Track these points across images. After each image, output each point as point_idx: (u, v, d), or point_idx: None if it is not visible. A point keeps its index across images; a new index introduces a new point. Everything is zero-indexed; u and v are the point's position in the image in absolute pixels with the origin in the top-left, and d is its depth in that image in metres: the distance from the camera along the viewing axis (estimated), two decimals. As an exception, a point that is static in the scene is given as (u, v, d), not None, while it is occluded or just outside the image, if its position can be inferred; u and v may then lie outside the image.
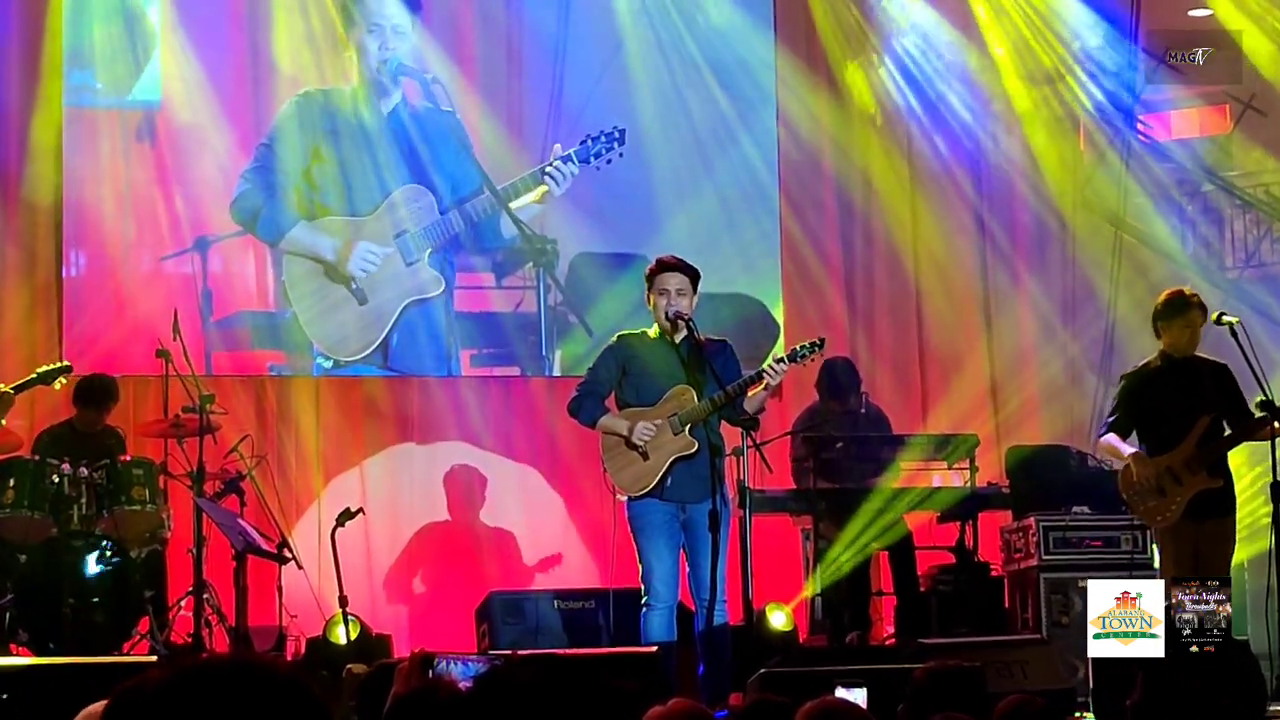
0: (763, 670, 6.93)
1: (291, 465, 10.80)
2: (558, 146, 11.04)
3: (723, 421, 7.65)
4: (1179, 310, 8.11)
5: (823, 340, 7.68)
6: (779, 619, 9.61)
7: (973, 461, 9.66)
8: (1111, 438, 8.22)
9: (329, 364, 10.92)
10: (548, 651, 8.27)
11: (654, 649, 7.22)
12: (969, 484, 9.65)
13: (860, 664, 6.99)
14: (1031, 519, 9.65)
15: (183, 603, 9.25)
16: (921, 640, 8.00)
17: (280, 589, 9.42)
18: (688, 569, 7.56)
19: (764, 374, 7.39)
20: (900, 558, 9.71)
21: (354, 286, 10.91)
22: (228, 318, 10.90)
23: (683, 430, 7.51)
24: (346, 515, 8.53)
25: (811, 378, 9.78)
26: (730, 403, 7.45)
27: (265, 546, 9.00)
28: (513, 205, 11.00)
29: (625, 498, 7.57)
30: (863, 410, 10.02)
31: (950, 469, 9.86)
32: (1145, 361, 8.31)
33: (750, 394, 7.47)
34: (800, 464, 9.68)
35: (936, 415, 11.56)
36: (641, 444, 7.49)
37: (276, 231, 10.90)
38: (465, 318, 11.24)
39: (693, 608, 7.61)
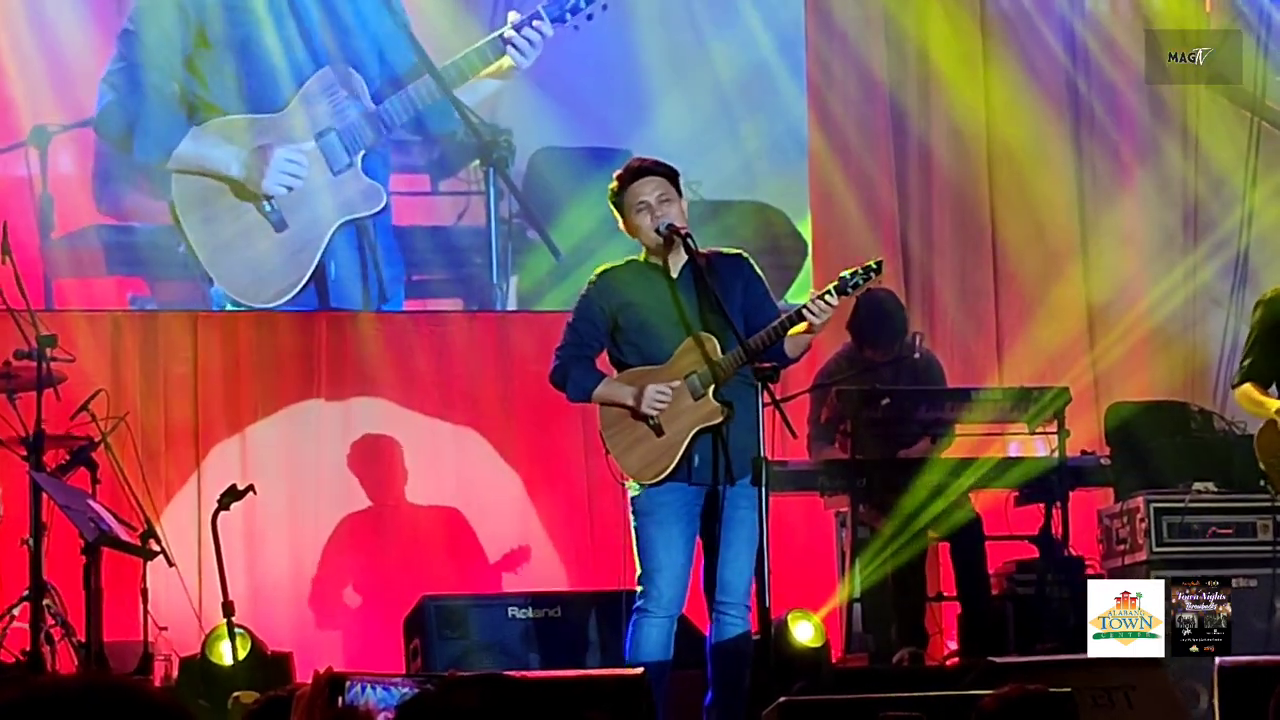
0: (783, 699, 6.96)
1: (160, 429, 10.81)
2: (513, 15, 10.93)
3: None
4: None
5: (880, 263, 7.56)
6: (805, 631, 9.65)
7: (1062, 423, 9.67)
8: (1248, 387, 8.24)
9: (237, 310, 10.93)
10: (493, 672, 8.31)
11: (639, 671, 7.21)
12: (1057, 453, 9.69)
13: (913, 690, 7.03)
14: (1139, 499, 9.69)
15: (15, 610, 9.27)
16: (993, 659, 8.05)
17: (145, 593, 9.43)
18: (709, 563, 7.55)
19: (805, 312, 7.34)
20: (965, 551, 9.75)
21: (268, 207, 10.80)
22: (75, 233, 10.89)
23: (705, 393, 7.48)
24: (232, 495, 8.55)
25: (843, 314, 9.72)
26: (766, 350, 7.38)
27: (125, 537, 9.02)
28: (468, 83, 10.88)
29: (636, 487, 7.57)
30: (916, 355, 10.02)
31: (1032, 433, 9.87)
32: None
33: (789, 335, 7.42)
34: (829, 428, 9.69)
35: (1015, 362, 11.59)
36: (654, 415, 7.48)
37: (161, 149, 10.79)
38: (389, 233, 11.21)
39: (694, 622, 7.61)
